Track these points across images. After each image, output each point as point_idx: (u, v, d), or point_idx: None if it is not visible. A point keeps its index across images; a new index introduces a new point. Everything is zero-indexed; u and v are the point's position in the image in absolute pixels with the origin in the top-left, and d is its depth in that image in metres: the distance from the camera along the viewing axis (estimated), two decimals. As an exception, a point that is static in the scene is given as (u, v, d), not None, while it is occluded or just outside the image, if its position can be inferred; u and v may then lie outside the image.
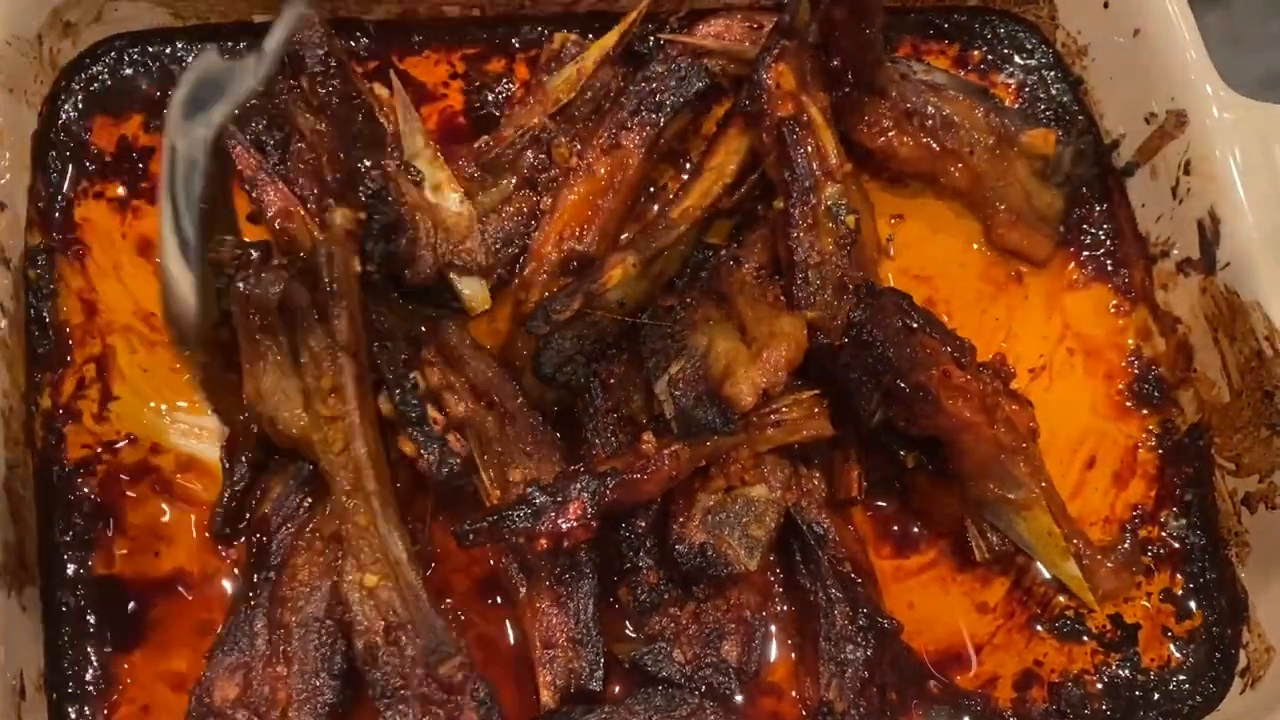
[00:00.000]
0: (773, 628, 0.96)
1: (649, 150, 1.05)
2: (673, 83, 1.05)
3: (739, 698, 0.93)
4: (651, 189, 1.09)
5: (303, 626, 0.88)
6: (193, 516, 0.96)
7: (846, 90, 1.05)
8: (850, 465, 0.98)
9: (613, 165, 1.04)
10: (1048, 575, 0.99)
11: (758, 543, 0.90)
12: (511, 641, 0.94)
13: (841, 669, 0.91)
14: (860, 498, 0.98)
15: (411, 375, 0.93)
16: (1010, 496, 0.94)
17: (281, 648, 0.88)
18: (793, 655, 0.95)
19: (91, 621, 0.93)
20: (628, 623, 0.94)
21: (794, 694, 0.94)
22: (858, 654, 0.91)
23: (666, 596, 0.92)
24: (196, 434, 0.98)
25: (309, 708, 0.86)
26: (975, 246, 1.10)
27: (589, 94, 1.06)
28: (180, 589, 0.94)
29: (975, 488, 0.94)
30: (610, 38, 1.06)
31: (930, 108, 1.06)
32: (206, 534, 0.95)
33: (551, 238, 1.03)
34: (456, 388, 0.95)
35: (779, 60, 1.01)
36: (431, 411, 0.93)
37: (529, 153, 1.05)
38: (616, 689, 0.93)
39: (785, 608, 0.96)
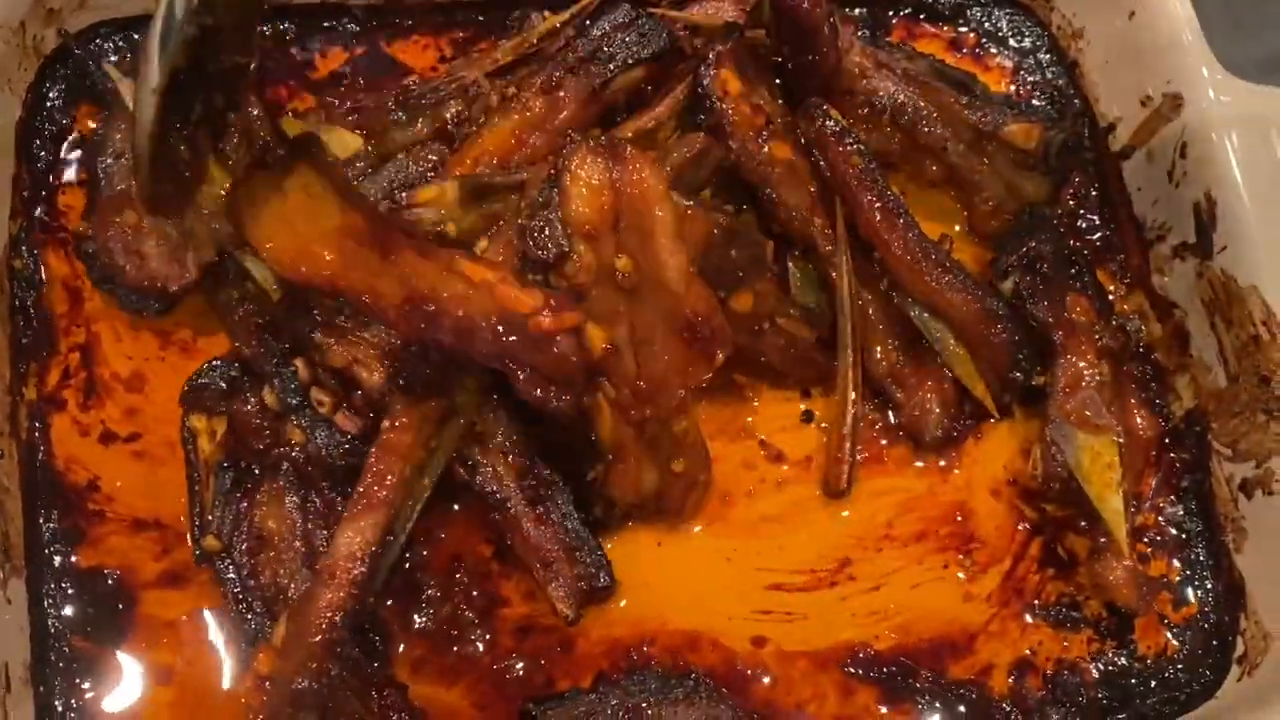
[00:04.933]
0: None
1: (588, 98, 1.01)
2: (633, 37, 1.02)
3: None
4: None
5: None
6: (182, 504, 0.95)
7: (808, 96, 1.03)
8: (841, 456, 0.98)
9: (548, 105, 1.01)
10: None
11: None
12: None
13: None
14: (847, 489, 0.98)
15: (291, 365, 0.93)
16: (1088, 415, 0.96)
17: None
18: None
19: (78, 614, 0.92)
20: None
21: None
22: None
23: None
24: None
25: None
26: (959, 229, 1.08)
27: (530, 64, 1.03)
28: (169, 580, 0.94)
29: (1061, 400, 0.97)
30: (561, 16, 1.04)
31: (900, 104, 1.04)
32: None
33: (465, 161, 1.00)
34: (363, 360, 0.93)
35: (719, 66, 0.99)
36: (316, 394, 0.92)
37: (453, 103, 1.03)
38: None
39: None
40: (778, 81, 1.04)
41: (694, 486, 0.98)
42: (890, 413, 1.03)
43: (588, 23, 1.03)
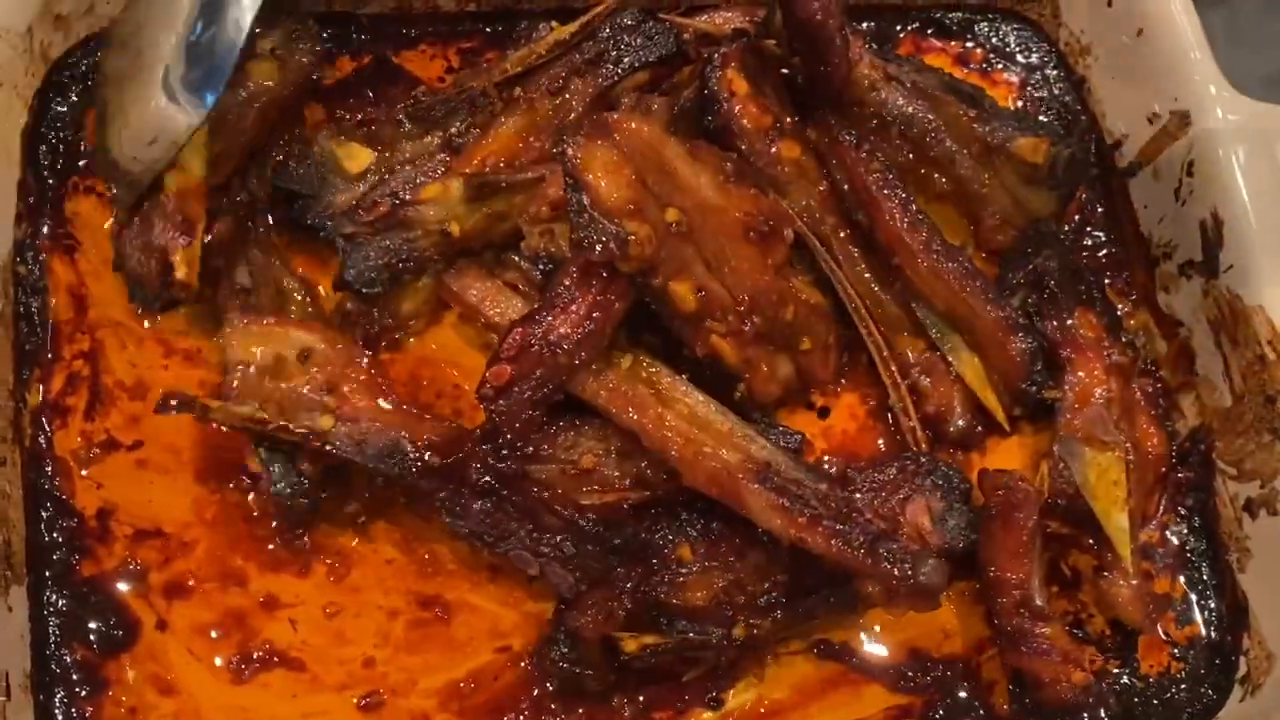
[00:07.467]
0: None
1: (594, 101, 1.02)
2: (639, 40, 1.04)
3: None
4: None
5: None
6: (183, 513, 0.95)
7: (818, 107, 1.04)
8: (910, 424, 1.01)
9: (555, 107, 1.02)
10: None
11: None
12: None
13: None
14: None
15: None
16: (1095, 431, 0.97)
17: None
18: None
19: (79, 622, 0.92)
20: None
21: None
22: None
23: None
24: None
25: None
26: (965, 244, 1.08)
27: (539, 76, 1.04)
28: (171, 589, 0.93)
29: (1069, 416, 0.98)
30: (570, 27, 1.05)
31: (909, 116, 1.04)
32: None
33: (471, 163, 1.01)
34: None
35: (724, 67, 0.99)
36: None
37: (462, 113, 1.03)
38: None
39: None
40: (784, 72, 1.04)
41: (829, 350, 1.01)
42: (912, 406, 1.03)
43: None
